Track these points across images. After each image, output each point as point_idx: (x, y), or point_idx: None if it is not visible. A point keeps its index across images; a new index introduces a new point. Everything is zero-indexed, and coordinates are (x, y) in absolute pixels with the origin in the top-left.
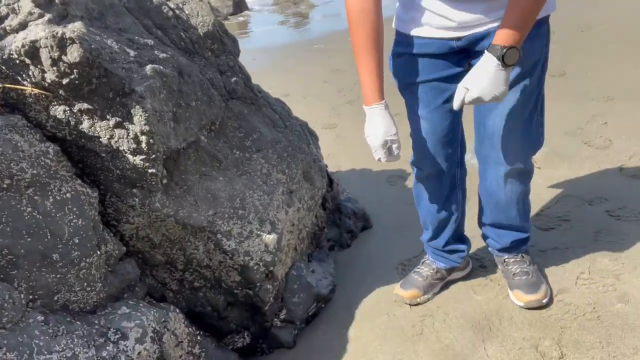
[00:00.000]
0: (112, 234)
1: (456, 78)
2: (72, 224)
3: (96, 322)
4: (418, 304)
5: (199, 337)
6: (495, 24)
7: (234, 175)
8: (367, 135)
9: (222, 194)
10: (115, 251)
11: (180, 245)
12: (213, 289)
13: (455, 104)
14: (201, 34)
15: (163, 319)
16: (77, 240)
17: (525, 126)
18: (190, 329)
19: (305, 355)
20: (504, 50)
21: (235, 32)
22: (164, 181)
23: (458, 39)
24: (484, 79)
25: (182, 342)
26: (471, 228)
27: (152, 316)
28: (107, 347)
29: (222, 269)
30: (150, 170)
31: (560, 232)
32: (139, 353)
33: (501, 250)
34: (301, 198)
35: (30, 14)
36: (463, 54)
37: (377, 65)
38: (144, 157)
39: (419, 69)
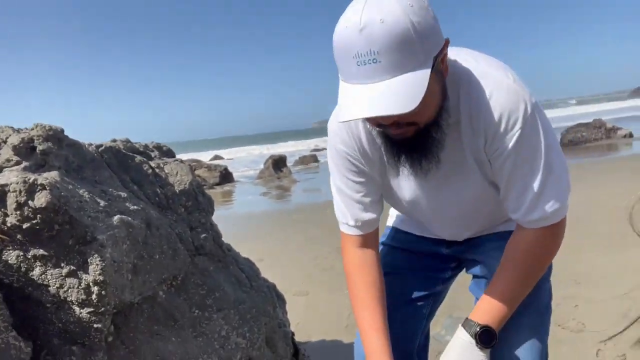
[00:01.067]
0: None
1: (435, 280)
2: None
3: None
4: None
5: None
6: (489, 232)
7: (189, 335)
8: None
9: (172, 357)
10: None
11: None
12: None
13: None
14: (177, 191)
15: None
16: None
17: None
18: None
19: None
20: (478, 329)
21: (219, 200)
22: (109, 339)
23: (448, 246)
24: (455, 357)
25: None
26: None
27: None
28: None
29: None
30: (95, 325)
31: None
32: None
33: None
34: None
35: (8, 160)
36: (450, 262)
37: (382, 321)
38: (92, 309)
39: (398, 259)
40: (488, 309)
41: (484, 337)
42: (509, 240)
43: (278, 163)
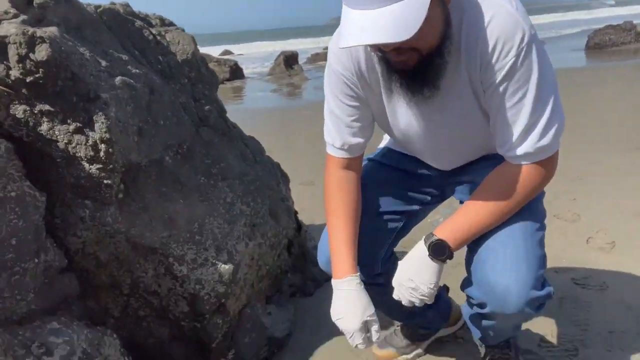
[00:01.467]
0: (55, 245)
1: (412, 200)
2: (11, 224)
3: (20, 333)
4: None
5: None
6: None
7: (195, 199)
8: (338, 318)
9: (180, 216)
10: (55, 262)
11: (128, 267)
12: (159, 319)
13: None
14: (179, 60)
15: (97, 342)
16: (14, 242)
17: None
18: (126, 358)
19: None
20: (433, 241)
21: (228, 96)
22: (120, 195)
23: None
24: (407, 261)
25: None
26: None
27: (85, 336)
28: None
29: (171, 297)
30: (105, 181)
31: None
32: None
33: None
34: (264, 234)
35: (6, 13)
36: (434, 188)
37: (351, 234)
38: (100, 166)
39: (382, 174)
40: (450, 228)
41: (436, 249)
42: (495, 169)
43: (289, 60)
